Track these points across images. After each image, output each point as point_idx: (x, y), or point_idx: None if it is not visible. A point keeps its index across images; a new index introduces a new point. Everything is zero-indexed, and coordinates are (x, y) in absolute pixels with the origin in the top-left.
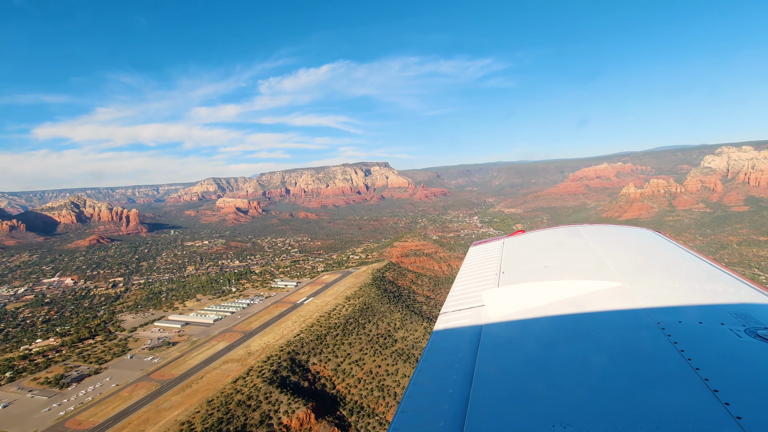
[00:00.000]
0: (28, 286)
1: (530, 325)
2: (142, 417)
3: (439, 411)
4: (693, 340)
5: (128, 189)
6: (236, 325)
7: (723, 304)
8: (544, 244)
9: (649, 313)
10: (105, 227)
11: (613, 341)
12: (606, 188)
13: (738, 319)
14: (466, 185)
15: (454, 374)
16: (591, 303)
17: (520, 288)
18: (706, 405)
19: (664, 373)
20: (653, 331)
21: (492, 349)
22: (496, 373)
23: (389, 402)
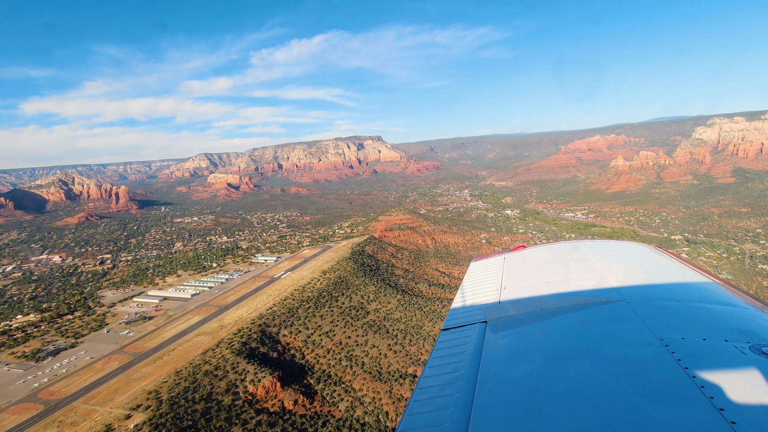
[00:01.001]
0: (16, 263)
1: (533, 342)
2: (113, 387)
3: (442, 428)
4: (697, 357)
5: (120, 165)
6: (213, 300)
7: (727, 321)
8: (545, 259)
9: (653, 329)
10: (95, 204)
11: (617, 358)
12: (597, 160)
13: (742, 336)
14: (460, 158)
15: (455, 391)
16: (595, 319)
17: (521, 303)
18: (711, 423)
19: (668, 390)
20: (657, 348)
21: (494, 365)
22: (498, 391)
23: (356, 371)
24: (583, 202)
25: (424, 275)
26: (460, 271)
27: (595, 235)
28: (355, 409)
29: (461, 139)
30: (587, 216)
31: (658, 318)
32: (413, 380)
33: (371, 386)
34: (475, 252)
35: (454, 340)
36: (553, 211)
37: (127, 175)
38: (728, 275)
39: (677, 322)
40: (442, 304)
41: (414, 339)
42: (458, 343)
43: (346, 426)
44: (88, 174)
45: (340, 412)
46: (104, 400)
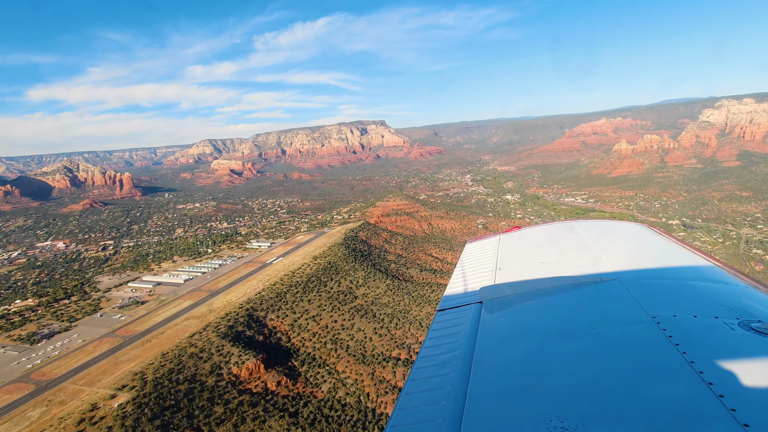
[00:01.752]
0: (21, 250)
1: (527, 321)
2: (101, 369)
3: (438, 407)
4: (687, 333)
5: (125, 152)
6: (205, 285)
7: (717, 298)
8: (540, 240)
9: (645, 307)
10: (99, 191)
11: (610, 336)
12: (602, 144)
13: (732, 313)
14: (465, 143)
15: (451, 371)
16: (589, 298)
17: (516, 284)
18: (701, 398)
19: (659, 366)
20: (649, 325)
21: (489, 345)
22: (494, 370)
23: (341, 354)
24: (584, 186)
25: (417, 260)
26: (454, 256)
27: None
28: (337, 391)
29: (466, 123)
30: (587, 201)
31: (650, 296)
32: (396, 363)
33: (354, 368)
34: (472, 237)
35: (450, 321)
36: (554, 196)
37: (133, 162)
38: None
39: (669, 300)
40: (431, 289)
41: (400, 323)
42: (454, 323)
43: (327, 406)
44: (94, 161)
45: (322, 393)
46: (92, 380)
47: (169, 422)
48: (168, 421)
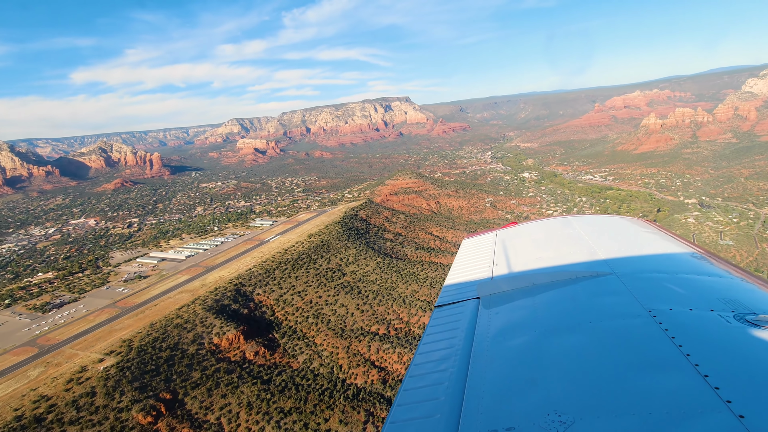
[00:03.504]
0: (57, 226)
1: (525, 317)
2: (97, 336)
3: (436, 403)
4: (683, 326)
5: (160, 132)
6: (203, 261)
7: (712, 291)
8: (537, 236)
9: (641, 301)
10: (131, 171)
11: (606, 330)
12: (634, 119)
13: (727, 305)
14: (491, 119)
15: (449, 367)
16: (585, 292)
17: (513, 279)
18: (696, 390)
19: (655, 359)
20: (645, 319)
21: (487, 340)
22: (492, 365)
23: (321, 327)
24: (606, 163)
25: (415, 239)
26: (454, 234)
27: (608, 199)
28: (312, 362)
29: (495, 98)
30: (605, 178)
31: (646, 290)
32: (373, 338)
33: (332, 342)
34: (478, 216)
35: (448, 317)
36: (572, 174)
37: (167, 141)
38: (730, 241)
39: (665, 294)
40: (422, 268)
41: (384, 300)
42: (451, 319)
43: (300, 376)
44: (131, 141)
45: (298, 363)
46: (87, 346)
47: (147, 384)
48: (146, 384)
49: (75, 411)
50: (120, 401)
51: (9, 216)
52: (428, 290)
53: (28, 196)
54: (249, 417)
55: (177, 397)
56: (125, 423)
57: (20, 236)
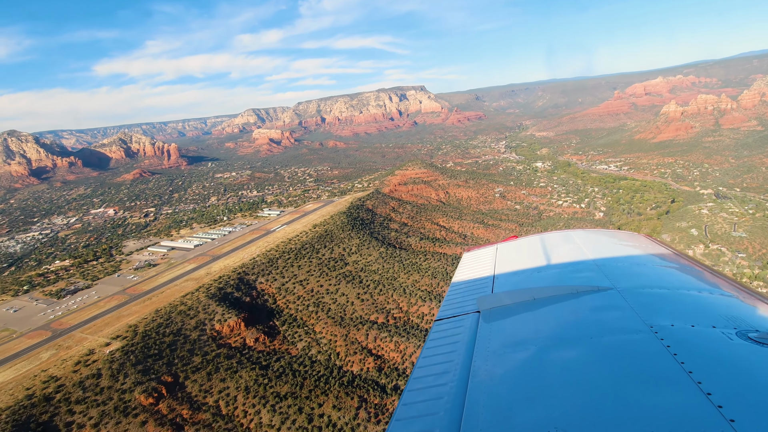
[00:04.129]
0: (78, 216)
1: (525, 331)
2: (105, 321)
3: (435, 418)
4: (685, 343)
5: (179, 123)
6: (211, 250)
7: (714, 308)
8: (537, 249)
9: (642, 317)
10: (150, 161)
11: (607, 346)
12: (655, 106)
13: (729, 322)
14: (508, 107)
15: (449, 381)
16: (586, 307)
17: (514, 293)
18: (699, 408)
19: (657, 376)
20: (646, 335)
21: (487, 355)
22: (491, 380)
23: (320, 316)
24: (622, 153)
25: (421, 229)
26: (461, 225)
27: (621, 189)
28: (310, 348)
29: (513, 86)
30: (620, 168)
31: (647, 306)
32: (371, 326)
33: (331, 330)
34: (487, 206)
35: (447, 331)
36: (587, 163)
37: (186, 132)
38: (743, 233)
39: (666, 310)
40: (425, 258)
41: (384, 289)
42: (451, 333)
43: (297, 362)
44: (151, 132)
45: (296, 350)
46: (96, 330)
47: (150, 368)
48: (149, 367)
49: (81, 391)
50: (123, 383)
51: (34, 206)
52: (429, 280)
53: (53, 186)
54: (246, 400)
55: (178, 380)
56: (128, 404)
57: (44, 225)
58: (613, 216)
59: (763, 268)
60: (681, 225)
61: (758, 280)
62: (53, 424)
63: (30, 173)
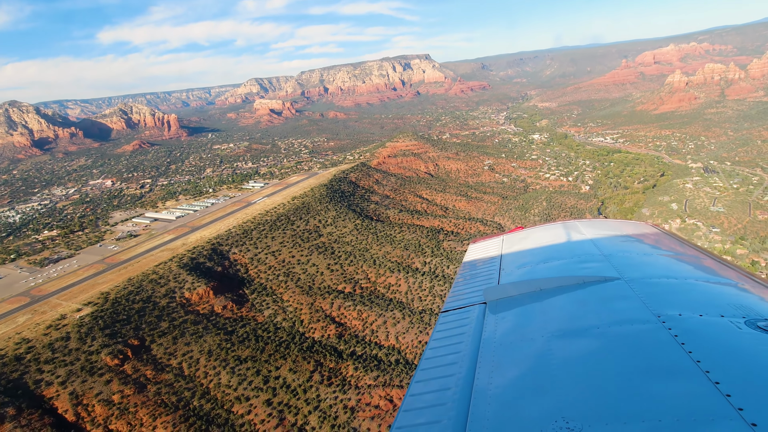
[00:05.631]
0: (77, 187)
1: (532, 322)
2: (81, 288)
3: (443, 409)
4: (693, 333)
5: (183, 92)
6: (191, 222)
7: (722, 297)
8: (543, 240)
9: (650, 307)
10: (150, 132)
11: (615, 336)
12: (663, 75)
13: (738, 311)
14: (515, 76)
15: (456, 372)
16: (593, 298)
17: (521, 284)
18: (707, 397)
19: (665, 366)
20: (654, 324)
21: (494, 346)
22: (499, 371)
23: (289, 285)
24: (621, 124)
25: (403, 201)
26: (443, 198)
27: (613, 162)
28: (276, 316)
29: (522, 54)
30: (616, 141)
31: (655, 295)
32: (337, 296)
33: (298, 298)
34: (475, 179)
35: (454, 322)
36: (584, 136)
37: (190, 102)
38: (722, 208)
39: (674, 299)
40: (400, 230)
41: (355, 260)
42: (458, 324)
43: (262, 328)
44: (155, 102)
45: (263, 317)
46: (71, 297)
47: (117, 332)
48: (117, 331)
49: (50, 352)
50: (91, 345)
51: (36, 176)
52: (401, 252)
53: (55, 157)
54: (208, 363)
55: (144, 343)
56: (94, 364)
57: (43, 196)
58: (599, 189)
59: (734, 243)
60: (663, 199)
61: (727, 254)
62: (23, 381)
63: (32, 144)
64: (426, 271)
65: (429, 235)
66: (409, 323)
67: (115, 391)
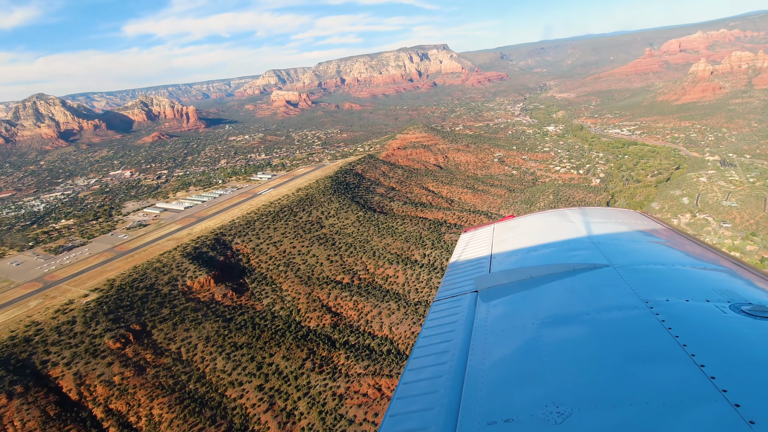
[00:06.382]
0: (98, 177)
1: (523, 309)
2: (90, 275)
3: (436, 396)
4: (680, 317)
5: (203, 84)
6: (198, 212)
7: (708, 282)
8: (534, 228)
9: (638, 293)
10: (170, 124)
11: (604, 322)
12: (689, 64)
13: (723, 296)
14: (535, 66)
15: (448, 360)
16: (583, 285)
17: (511, 272)
18: (693, 380)
19: (652, 350)
20: (642, 310)
21: (486, 334)
22: (490, 358)
23: (289, 275)
24: (640, 116)
25: (408, 193)
26: (449, 190)
27: (627, 155)
28: (274, 305)
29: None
30: (633, 132)
31: (643, 282)
32: (335, 286)
33: (296, 288)
34: (484, 171)
35: (446, 311)
36: (600, 127)
37: (210, 94)
38: (734, 203)
39: (661, 285)
40: (402, 222)
41: (355, 251)
42: (450, 313)
43: (259, 317)
44: (176, 93)
45: (261, 305)
46: (79, 283)
47: (120, 317)
48: (120, 316)
49: (57, 335)
50: (95, 329)
51: (60, 167)
52: (401, 244)
53: (79, 149)
54: (205, 348)
55: (145, 328)
56: (98, 347)
57: (66, 186)
58: (610, 183)
59: (745, 239)
60: (674, 193)
61: (736, 251)
62: (31, 361)
63: (58, 135)
64: (425, 263)
65: (431, 227)
66: (404, 314)
67: (116, 373)
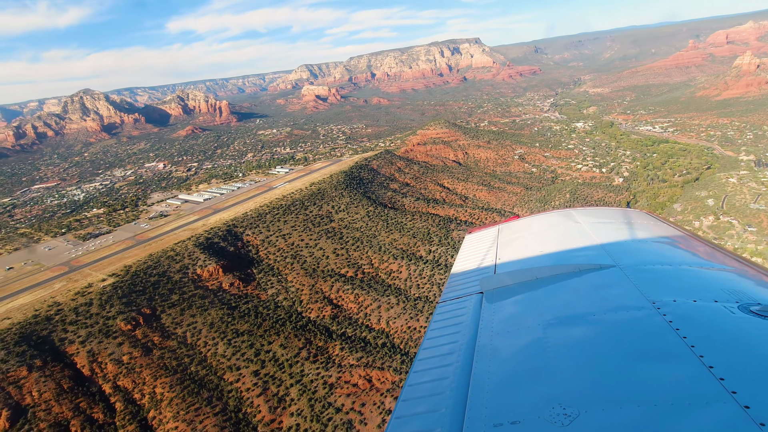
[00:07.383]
0: (134, 169)
1: (528, 310)
2: (110, 261)
3: (441, 398)
4: (688, 318)
5: (239, 79)
6: (215, 204)
7: (716, 283)
8: (539, 229)
9: (645, 293)
10: (203, 118)
11: (610, 323)
12: (736, 57)
13: (731, 296)
14: (572, 59)
15: (454, 361)
16: (588, 285)
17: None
18: (701, 381)
19: (660, 351)
20: (649, 311)
21: (491, 334)
22: (496, 359)
23: (295, 267)
24: (676, 112)
25: (422, 190)
26: (465, 187)
27: (656, 153)
28: (279, 295)
29: (582, 35)
30: (665, 130)
31: (649, 282)
32: (338, 279)
33: (301, 280)
34: (503, 168)
35: (451, 312)
36: (632, 124)
37: (245, 89)
38: (763, 206)
39: (668, 286)
40: (412, 218)
41: (361, 246)
42: (455, 314)
43: (263, 306)
44: (213, 88)
45: (266, 295)
46: (100, 268)
47: (132, 301)
48: (132, 300)
49: (75, 315)
50: (109, 311)
51: (102, 159)
52: (408, 240)
53: (120, 141)
54: (209, 334)
55: (155, 313)
56: (110, 328)
57: (105, 177)
58: (634, 182)
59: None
60: (700, 194)
61: (759, 256)
62: (50, 338)
63: (102, 129)
64: (429, 259)
65: (440, 224)
66: (402, 309)
67: (125, 353)
